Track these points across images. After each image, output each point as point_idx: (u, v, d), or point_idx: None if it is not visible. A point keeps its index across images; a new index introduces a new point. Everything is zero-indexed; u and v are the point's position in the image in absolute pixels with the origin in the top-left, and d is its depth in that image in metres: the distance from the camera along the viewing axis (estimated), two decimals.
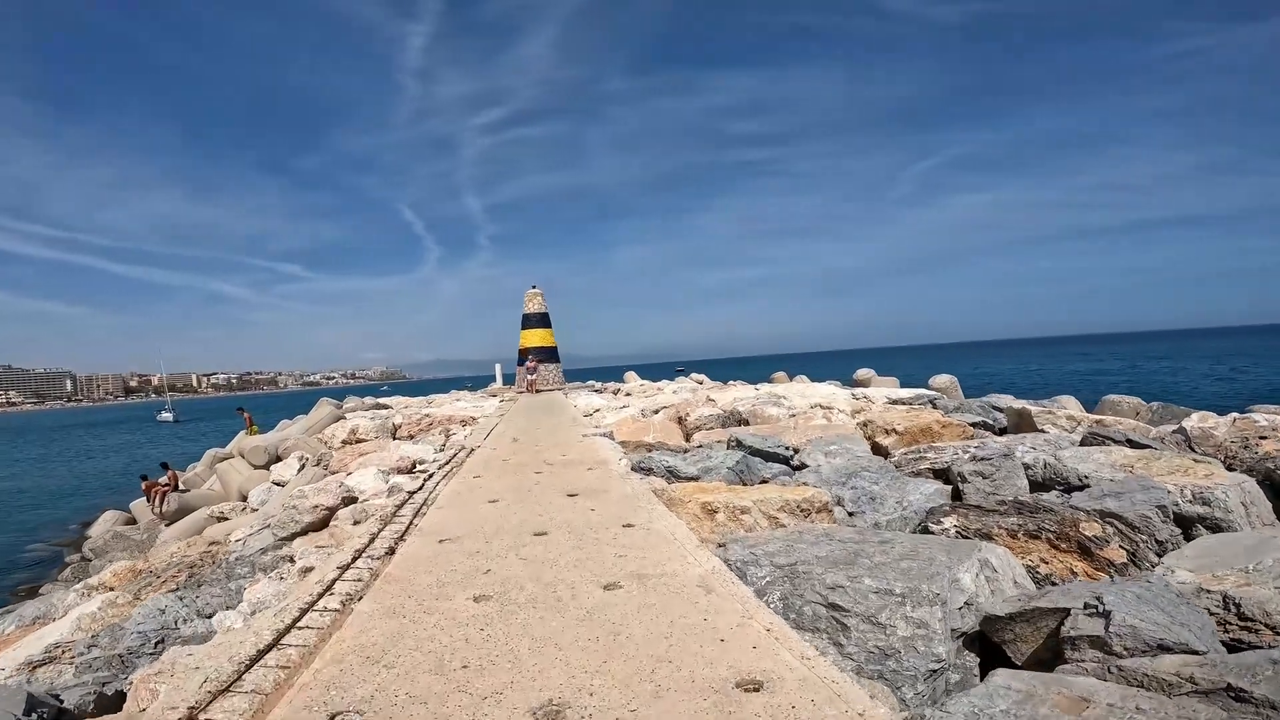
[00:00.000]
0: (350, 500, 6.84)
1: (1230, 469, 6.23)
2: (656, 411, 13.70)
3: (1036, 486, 6.05)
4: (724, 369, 38.79)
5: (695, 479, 6.12)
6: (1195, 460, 6.02)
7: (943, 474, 7.07)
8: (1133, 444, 7.16)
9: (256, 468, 14.23)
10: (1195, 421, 8.39)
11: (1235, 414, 9.21)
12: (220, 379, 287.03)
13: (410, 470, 8.05)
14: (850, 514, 5.46)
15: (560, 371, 26.67)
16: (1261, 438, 7.05)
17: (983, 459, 6.11)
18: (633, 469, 6.30)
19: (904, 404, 12.63)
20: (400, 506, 5.13)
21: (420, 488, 5.84)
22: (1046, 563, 4.55)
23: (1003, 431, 10.08)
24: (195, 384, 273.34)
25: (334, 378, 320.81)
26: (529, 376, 23.74)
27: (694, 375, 27.81)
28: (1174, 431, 8.31)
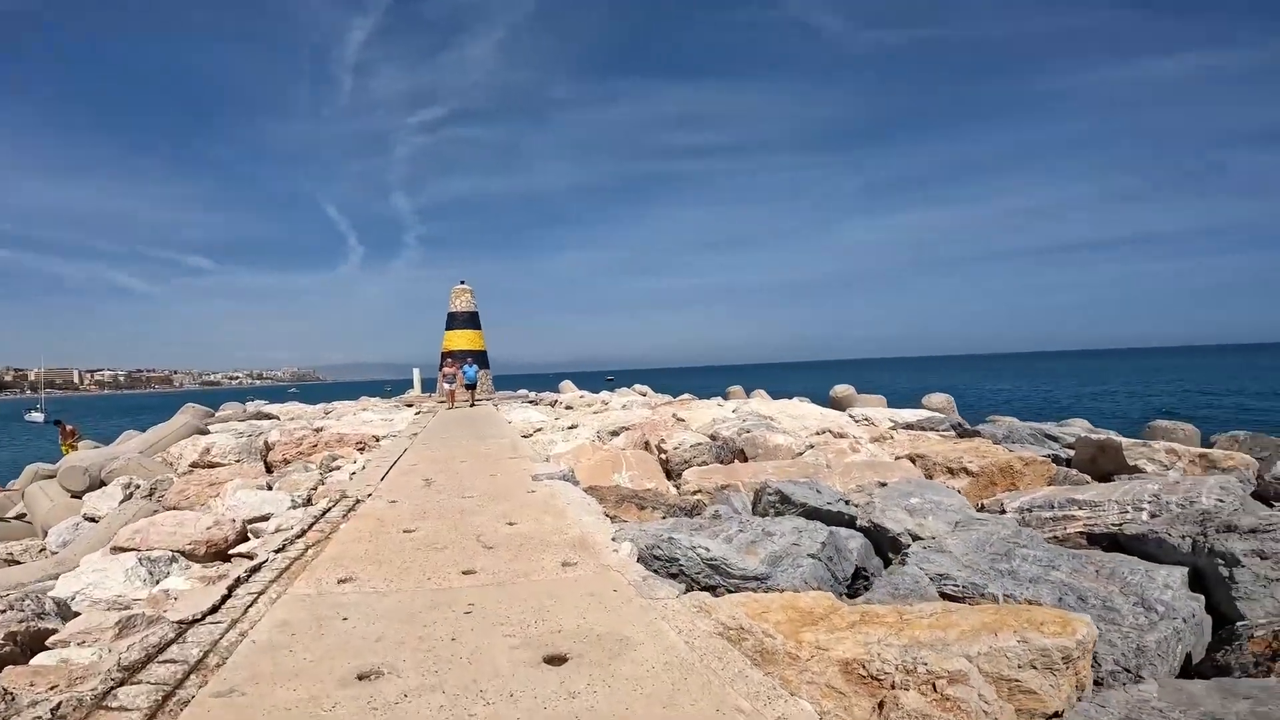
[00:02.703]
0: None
1: None
2: (615, 434, 10.84)
3: None
4: (657, 379, 36.12)
5: (763, 579, 3.34)
6: None
7: (1103, 540, 4.66)
8: None
9: (73, 495, 10.43)
10: None
11: None
12: (106, 376, 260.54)
13: (223, 552, 4.73)
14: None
15: (490, 380, 23.32)
16: None
17: (1258, 530, 3.63)
18: (644, 562, 3.47)
19: (922, 429, 10.34)
20: None
21: (180, 636, 2.78)
22: None
23: (1068, 464, 7.92)
24: (77, 381, 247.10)
25: (238, 377, 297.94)
26: (447, 385, 19.39)
27: (636, 387, 25.10)
28: None
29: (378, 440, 10.67)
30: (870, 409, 12.12)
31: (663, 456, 8.42)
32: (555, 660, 2.40)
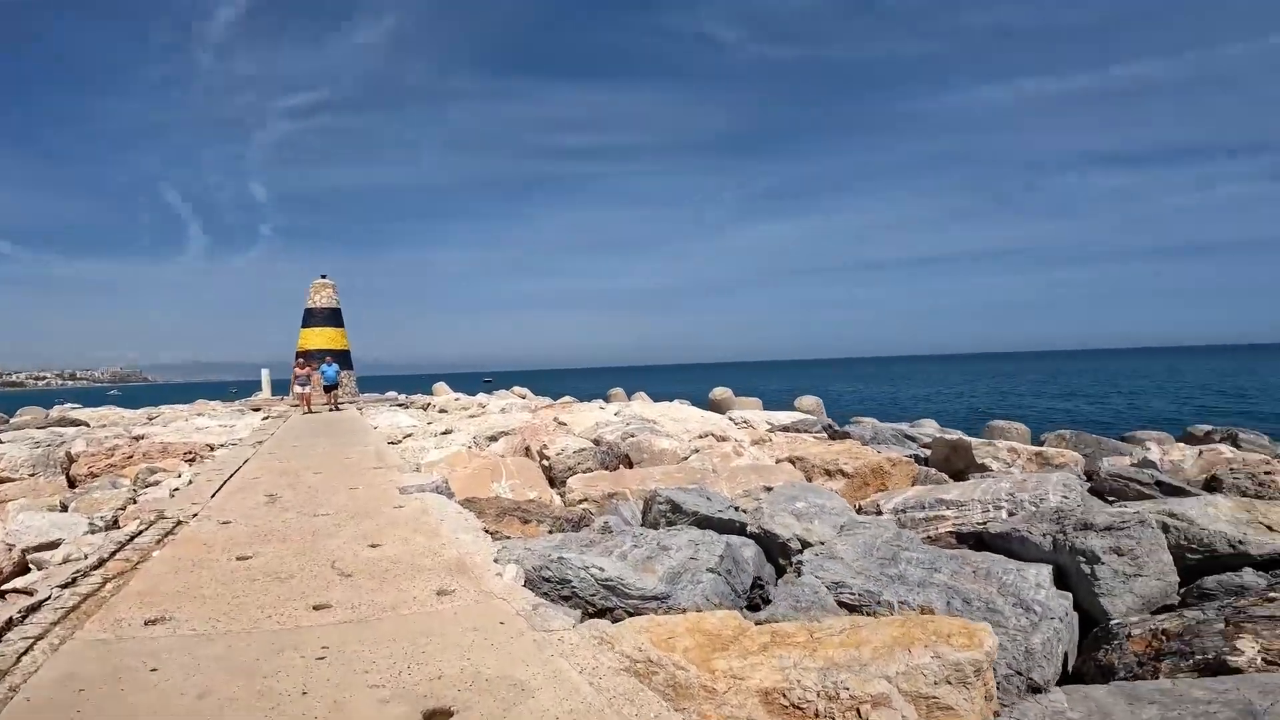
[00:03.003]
0: None
1: None
2: (494, 439, 10.26)
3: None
4: (537, 382, 35.24)
5: (664, 599, 3.07)
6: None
7: (970, 539, 4.89)
8: (1165, 487, 5.60)
9: None
10: (1161, 453, 7.45)
11: (1183, 444, 8.69)
12: None
13: None
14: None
15: (354, 381, 21.54)
16: (1269, 473, 5.89)
17: (1113, 527, 3.88)
18: (533, 586, 3.08)
19: (797, 431, 10.71)
20: None
21: None
22: None
23: (925, 463, 8.47)
24: None
25: (45, 377, 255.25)
26: (299, 388, 17.40)
27: (516, 389, 24.33)
28: (1137, 464, 7.21)
29: (212, 450, 9.33)
30: (748, 411, 12.42)
31: (545, 463, 8.01)
32: (438, 715, 1.98)
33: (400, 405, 18.71)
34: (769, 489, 6.01)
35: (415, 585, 3.10)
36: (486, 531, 4.40)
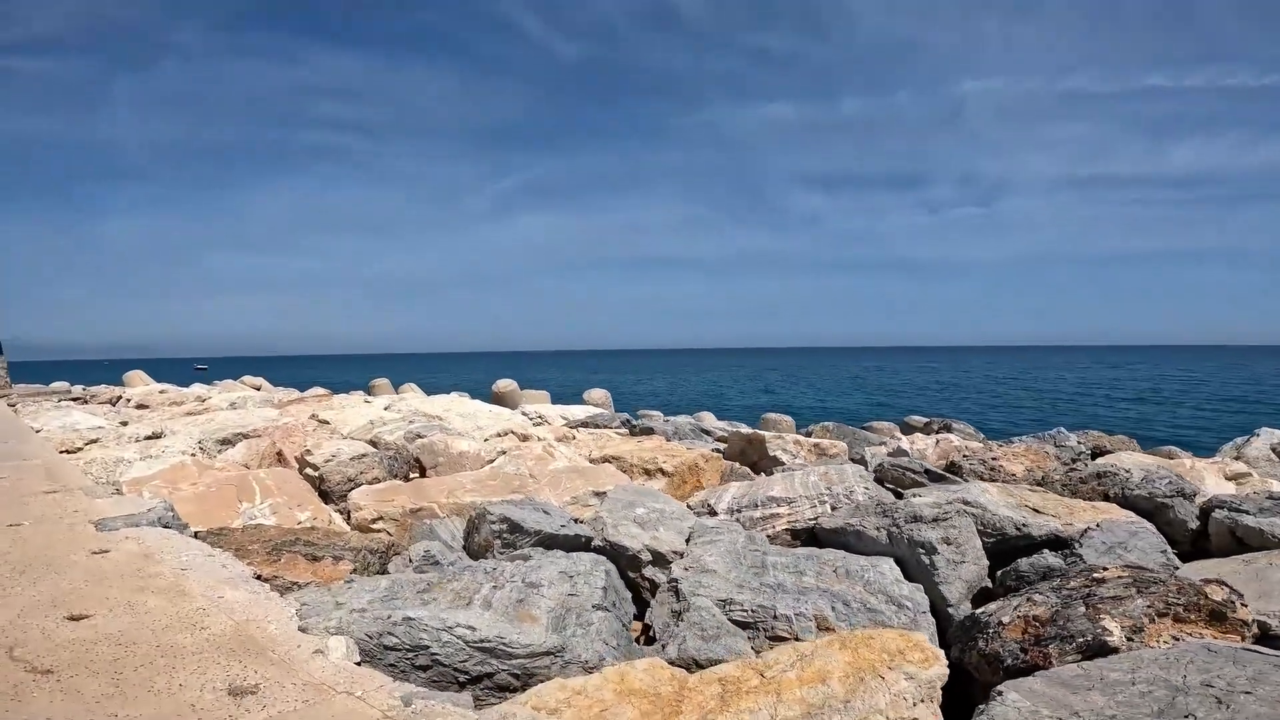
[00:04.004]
0: None
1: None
2: (228, 443, 8.20)
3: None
4: (267, 370, 29.85)
5: (556, 654, 2.33)
6: (1035, 492, 5.33)
7: (803, 535, 4.96)
8: (931, 475, 6.33)
9: None
10: (916, 443, 8.59)
11: (919, 434, 10.11)
12: None
13: None
14: None
15: (3, 367, 15.97)
16: (997, 459, 7.08)
17: (939, 519, 4.10)
18: (372, 661, 2.14)
19: (597, 427, 10.41)
20: None
21: None
22: None
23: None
24: None
25: None
26: None
27: (246, 379, 20.33)
28: (892, 453, 8.22)
29: None
30: (541, 406, 11.81)
31: (313, 474, 6.49)
32: None
33: (76, 400, 14.35)
34: (599, 494, 5.53)
35: (184, 684, 1.95)
36: (260, 579, 3.19)
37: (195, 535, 4.07)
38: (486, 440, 8.30)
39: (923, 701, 2.11)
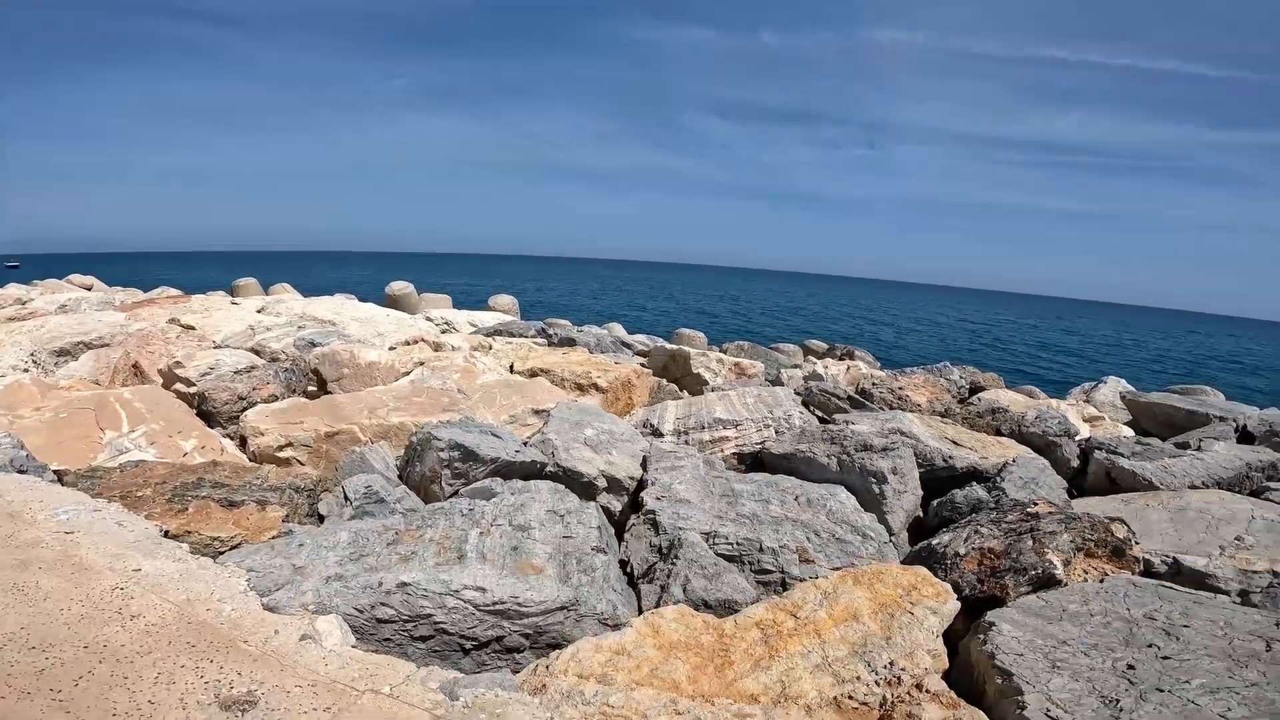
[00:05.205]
0: None
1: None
2: (65, 354, 6.96)
3: None
4: (98, 269, 25.04)
5: (571, 608, 2.13)
6: (947, 424, 5.74)
7: (749, 460, 5.05)
8: (854, 401, 6.61)
9: None
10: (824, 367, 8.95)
11: (828, 359, 10.55)
12: None
13: None
14: None
15: None
16: (900, 388, 7.56)
17: (888, 448, 4.27)
18: (364, 638, 1.83)
19: (511, 335, 9.92)
20: None
21: None
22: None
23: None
24: None
25: None
26: None
27: (75, 278, 17.23)
28: (808, 377, 8.55)
29: None
30: (445, 311, 11.03)
31: (186, 390, 5.62)
32: None
33: None
34: (539, 413, 5.27)
35: (155, 700, 1.51)
36: (169, 536, 2.66)
37: (60, 480, 3.37)
38: (393, 349, 7.65)
39: (940, 635, 2.19)
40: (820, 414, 6.38)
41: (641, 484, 4.02)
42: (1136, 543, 3.35)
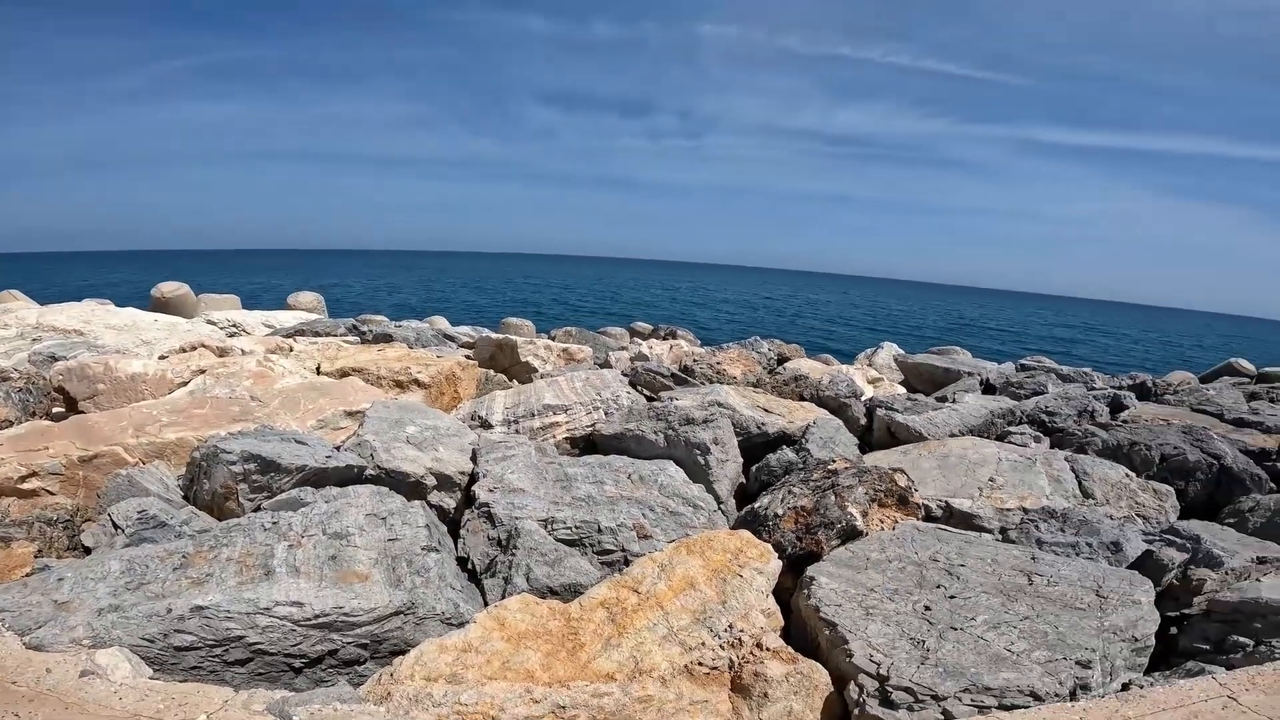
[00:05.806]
0: None
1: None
2: None
3: None
4: None
5: (407, 612, 1.95)
6: (759, 393, 6.23)
7: (581, 443, 5.07)
8: (676, 378, 6.91)
9: None
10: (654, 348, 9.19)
11: (653, 339, 10.77)
12: None
13: None
14: None
15: None
16: (719, 364, 8.09)
17: (708, 420, 4.50)
18: (164, 669, 1.53)
19: (317, 335, 8.96)
20: None
21: None
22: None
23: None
24: None
25: None
26: None
27: None
28: (635, 358, 8.75)
29: None
30: (230, 312, 9.67)
31: None
32: None
33: None
34: (353, 414, 4.83)
35: None
36: None
37: None
38: (164, 358, 6.55)
39: (770, 593, 2.37)
40: (647, 393, 6.60)
41: (473, 478, 3.88)
42: (916, 489, 3.84)
